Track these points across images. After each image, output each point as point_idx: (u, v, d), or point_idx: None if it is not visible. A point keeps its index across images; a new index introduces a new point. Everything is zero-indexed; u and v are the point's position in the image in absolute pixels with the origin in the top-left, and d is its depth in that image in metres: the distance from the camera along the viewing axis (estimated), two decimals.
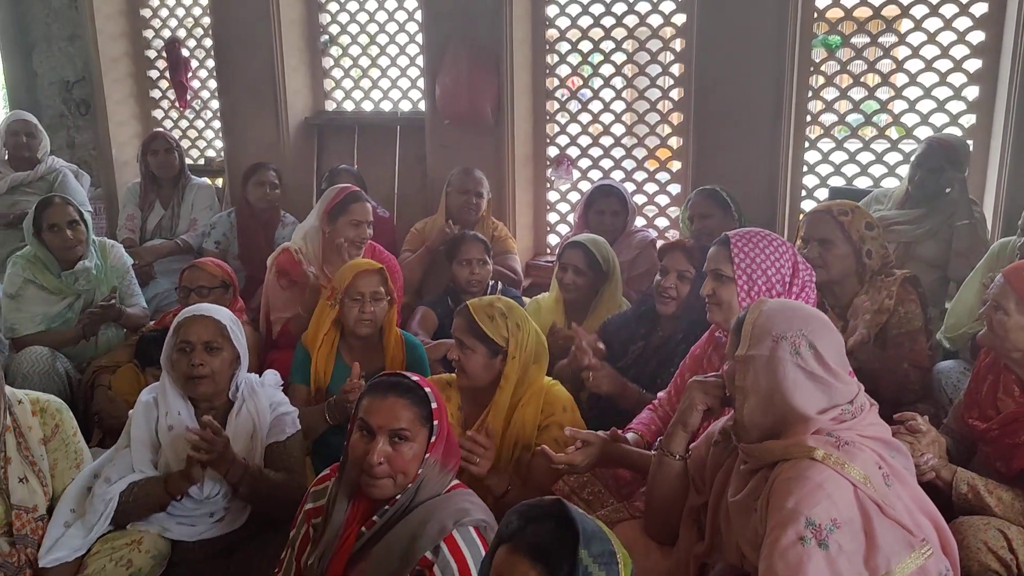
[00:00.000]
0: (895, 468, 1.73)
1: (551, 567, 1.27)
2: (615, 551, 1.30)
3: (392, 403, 1.78)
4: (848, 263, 2.78)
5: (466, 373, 2.44)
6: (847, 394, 1.75)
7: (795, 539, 1.57)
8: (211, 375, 2.34)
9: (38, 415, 2.30)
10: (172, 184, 4.63)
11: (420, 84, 4.94)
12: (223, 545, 2.36)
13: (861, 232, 2.77)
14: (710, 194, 3.68)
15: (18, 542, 2.17)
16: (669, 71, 4.40)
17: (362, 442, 1.79)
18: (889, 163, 4.04)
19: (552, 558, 1.28)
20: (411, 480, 1.79)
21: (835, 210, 2.82)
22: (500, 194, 4.57)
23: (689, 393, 1.95)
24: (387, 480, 1.77)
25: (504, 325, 2.43)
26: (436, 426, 1.81)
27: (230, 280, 3.32)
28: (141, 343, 3.31)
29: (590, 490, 2.26)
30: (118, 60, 5.61)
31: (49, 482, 2.28)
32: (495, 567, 1.34)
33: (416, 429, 1.78)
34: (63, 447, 2.33)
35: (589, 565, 1.26)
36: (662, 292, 2.86)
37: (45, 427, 2.30)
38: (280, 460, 2.40)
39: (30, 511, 2.20)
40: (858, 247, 2.77)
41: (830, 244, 2.77)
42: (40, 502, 2.23)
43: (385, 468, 1.76)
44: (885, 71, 3.99)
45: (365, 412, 1.80)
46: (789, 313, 1.78)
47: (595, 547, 1.28)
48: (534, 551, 1.29)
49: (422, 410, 1.80)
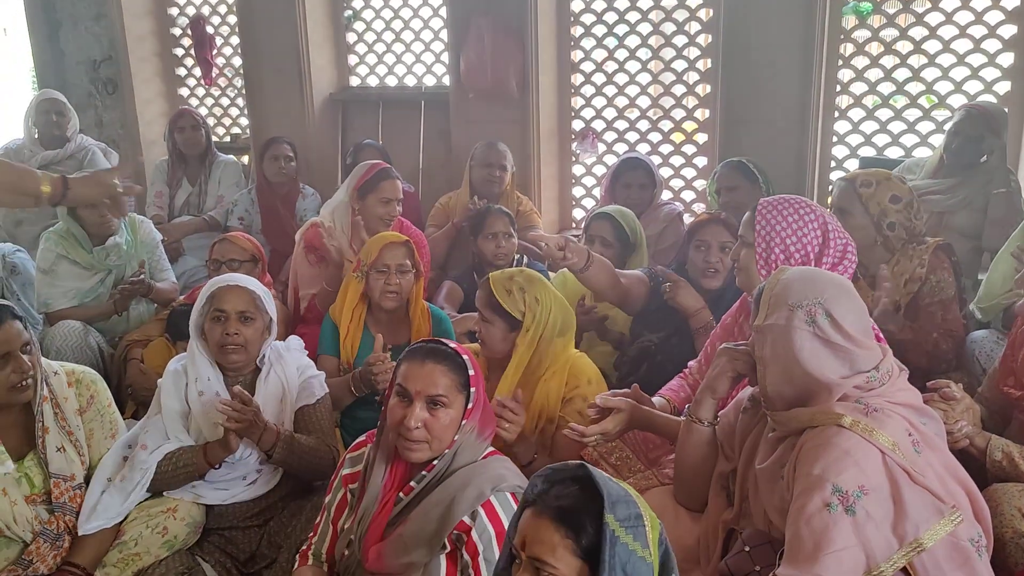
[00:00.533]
0: (926, 434, 1.71)
1: (576, 529, 1.28)
2: (642, 514, 1.30)
3: (430, 369, 1.80)
4: (866, 234, 2.74)
5: (486, 344, 2.46)
6: (871, 360, 1.74)
7: (821, 505, 1.56)
8: (244, 344, 2.36)
9: (74, 386, 2.32)
10: (199, 161, 4.68)
11: (444, 58, 4.92)
12: (256, 509, 2.39)
13: (883, 205, 2.72)
14: (736, 166, 3.64)
15: (56, 510, 2.22)
16: (696, 41, 4.34)
17: (400, 407, 1.80)
18: (921, 132, 3.97)
19: (577, 520, 1.28)
20: (447, 446, 1.80)
21: (858, 181, 2.78)
22: (525, 168, 4.55)
23: (718, 360, 1.94)
24: (423, 445, 1.79)
25: (521, 299, 2.42)
26: (473, 393, 1.82)
27: (259, 254, 3.36)
28: (172, 317, 3.35)
29: (618, 455, 2.26)
30: (144, 38, 5.64)
31: (86, 452, 2.31)
32: (520, 530, 1.34)
33: (453, 395, 1.80)
34: (98, 417, 2.37)
35: (616, 529, 1.25)
36: (707, 267, 2.87)
37: (81, 398, 2.33)
38: (310, 423, 2.42)
39: (68, 479, 2.24)
40: (877, 220, 2.73)
41: (847, 214, 2.74)
42: (78, 471, 2.28)
43: (422, 432, 1.77)
44: (917, 38, 3.90)
45: (403, 378, 1.82)
46: (806, 282, 1.76)
47: (621, 510, 1.28)
48: (559, 513, 1.30)
49: (459, 377, 1.81)
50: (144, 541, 2.21)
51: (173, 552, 2.25)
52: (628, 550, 1.25)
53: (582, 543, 1.28)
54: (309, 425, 2.42)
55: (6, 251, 4.01)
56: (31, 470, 2.22)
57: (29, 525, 2.17)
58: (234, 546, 2.37)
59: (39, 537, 2.18)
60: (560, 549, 1.28)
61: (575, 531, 1.28)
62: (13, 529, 2.15)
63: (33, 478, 2.23)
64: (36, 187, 1.94)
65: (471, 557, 1.69)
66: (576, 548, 1.28)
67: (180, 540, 2.26)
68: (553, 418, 2.43)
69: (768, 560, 1.68)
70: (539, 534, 1.30)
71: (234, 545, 2.37)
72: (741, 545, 1.77)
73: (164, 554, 2.24)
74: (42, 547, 2.18)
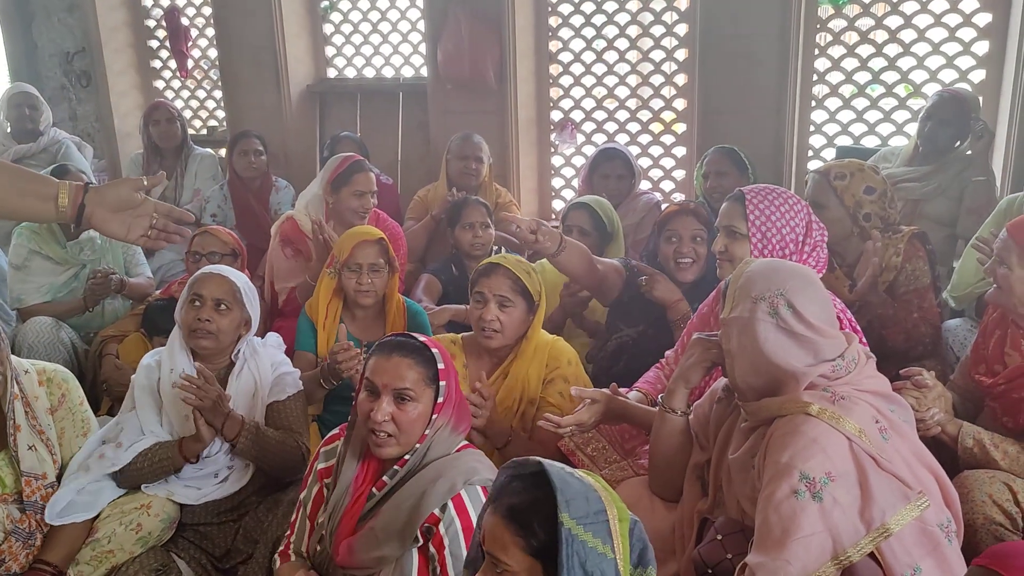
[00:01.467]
0: (893, 421, 1.73)
1: (525, 527, 1.27)
2: (604, 508, 1.29)
3: (396, 363, 1.78)
4: (843, 226, 2.76)
5: (503, 331, 2.43)
6: (835, 348, 1.75)
7: (789, 492, 1.58)
8: (215, 333, 2.35)
9: (44, 385, 2.30)
10: (175, 155, 4.62)
11: (422, 49, 4.89)
12: (229, 506, 2.38)
13: (857, 197, 2.74)
14: (727, 152, 3.64)
15: (28, 508, 2.20)
16: (673, 31, 4.34)
17: (367, 401, 1.79)
18: (897, 121, 3.99)
19: (526, 519, 1.28)
20: (417, 441, 1.79)
21: (832, 173, 2.79)
22: (503, 159, 4.54)
23: (692, 349, 1.95)
24: (392, 440, 1.78)
25: (536, 280, 2.47)
26: (444, 387, 1.81)
27: (239, 249, 3.33)
28: (148, 312, 3.32)
29: (594, 446, 2.27)
30: (118, 30, 5.56)
31: (58, 451, 2.29)
32: (483, 527, 1.35)
33: (421, 389, 1.78)
34: (70, 416, 2.35)
35: (572, 528, 1.24)
36: (679, 259, 2.82)
37: (52, 396, 2.31)
38: (281, 419, 2.41)
39: (39, 478, 2.22)
40: (852, 211, 2.74)
41: (822, 207, 2.75)
42: (49, 470, 2.25)
43: (390, 426, 1.76)
44: (893, 27, 3.92)
45: (370, 371, 1.81)
46: (769, 273, 1.78)
47: (577, 508, 1.26)
48: (509, 512, 1.30)
49: (428, 371, 1.80)
50: (118, 538, 2.19)
51: (147, 549, 2.24)
52: (587, 547, 1.25)
53: (532, 543, 1.27)
54: (279, 421, 2.41)
55: None
56: (2, 469, 2.20)
57: (1, 525, 2.14)
58: (209, 542, 2.36)
59: (11, 536, 2.15)
60: (511, 547, 1.28)
61: (524, 530, 1.28)
62: None
63: (4, 477, 2.20)
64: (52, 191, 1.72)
65: (437, 550, 1.69)
66: (526, 546, 1.27)
67: (154, 536, 2.24)
68: (534, 400, 2.45)
69: (740, 548, 1.70)
70: (494, 531, 1.31)
71: (209, 541, 2.36)
72: (714, 534, 1.78)
73: (138, 551, 2.22)
74: (14, 546, 2.15)
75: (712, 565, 1.73)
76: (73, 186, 1.74)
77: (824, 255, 2.33)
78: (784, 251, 2.25)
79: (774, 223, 2.28)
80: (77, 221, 1.75)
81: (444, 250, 3.88)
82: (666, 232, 2.88)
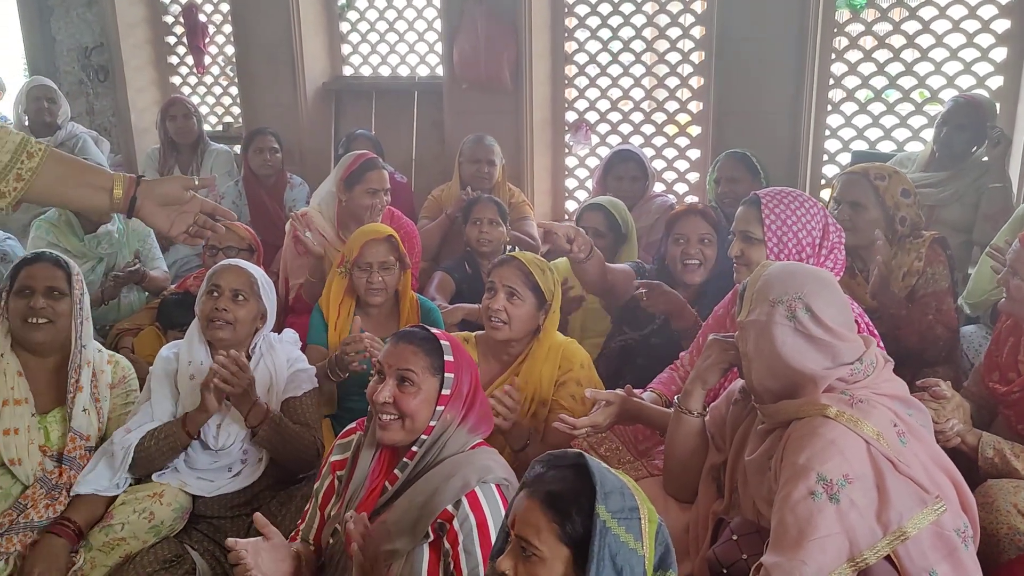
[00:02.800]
0: (911, 425, 1.72)
1: (562, 515, 1.28)
2: (638, 507, 1.30)
3: (402, 348, 1.82)
4: (878, 228, 2.73)
5: (510, 323, 2.42)
6: (853, 352, 1.75)
7: (806, 493, 1.58)
8: (232, 323, 2.39)
9: (112, 364, 2.47)
10: (191, 150, 4.65)
11: (438, 48, 4.91)
12: (242, 500, 2.40)
13: (896, 198, 2.72)
14: (740, 158, 3.63)
15: (65, 462, 2.29)
16: (690, 34, 4.34)
17: (375, 384, 1.83)
18: (914, 127, 3.98)
19: (565, 507, 1.29)
20: (423, 430, 1.80)
21: (872, 173, 2.76)
22: (518, 159, 4.55)
23: (708, 351, 1.94)
24: (396, 424, 1.80)
25: (551, 279, 2.47)
26: (451, 380, 1.81)
27: (256, 244, 3.35)
28: (163, 306, 3.34)
29: (608, 446, 2.27)
30: (135, 26, 5.60)
31: (105, 421, 2.41)
32: (513, 510, 1.36)
33: (423, 375, 1.80)
34: (123, 396, 2.48)
35: (607, 520, 1.26)
36: (686, 260, 2.82)
37: (115, 375, 2.47)
38: (295, 415, 2.43)
39: (83, 439, 2.33)
40: (891, 213, 2.73)
41: (862, 208, 2.73)
42: (94, 434, 2.37)
43: (391, 408, 1.79)
44: (911, 32, 3.91)
45: (381, 356, 1.85)
46: (787, 276, 1.77)
47: (614, 502, 1.28)
48: (548, 497, 1.30)
49: (432, 359, 1.82)
50: (131, 526, 2.22)
51: (160, 539, 2.26)
52: (619, 541, 1.26)
53: (567, 530, 1.28)
54: (294, 416, 2.42)
55: None
56: (51, 425, 2.32)
57: (33, 470, 2.24)
58: (222, 535, 2.36)
59: (38, 483, 2.24)
60: (545, 532, 1.29)
61: (561, 517, 1.28)
62: (18, 468, 2.23)
63: (51, 433, 2.32)
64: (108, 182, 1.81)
65: (451, 546, 1.69)
66: (561, 533, 1.28)
67: (167, 526, 2.27)
68: (546, 401, 2.45)
69: (756, 549, 1.70)
70: (528, 515, 1.31)
71: (222, 534, 2.36)
72: (729, 534, 1.78)
73: (151, 540, 2.24)
74: (38, 492, 2.24)
75: (727, 565, 1.73)
76: (127, 178, 1.83)
77: (842, 257, 2.32)
78: (801, 254, 2.24)
79: (790, 226, 2.27)
80: (128, 212, 1.83)
81: (458, 249, 3.89)
82: (674, 234, 2.88)
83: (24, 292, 2.28)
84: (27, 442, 2.25)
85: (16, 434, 2.24)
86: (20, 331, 2.28)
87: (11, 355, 2.31)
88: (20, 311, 2.27)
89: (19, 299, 2.28)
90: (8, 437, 2.23)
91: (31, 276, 2.30)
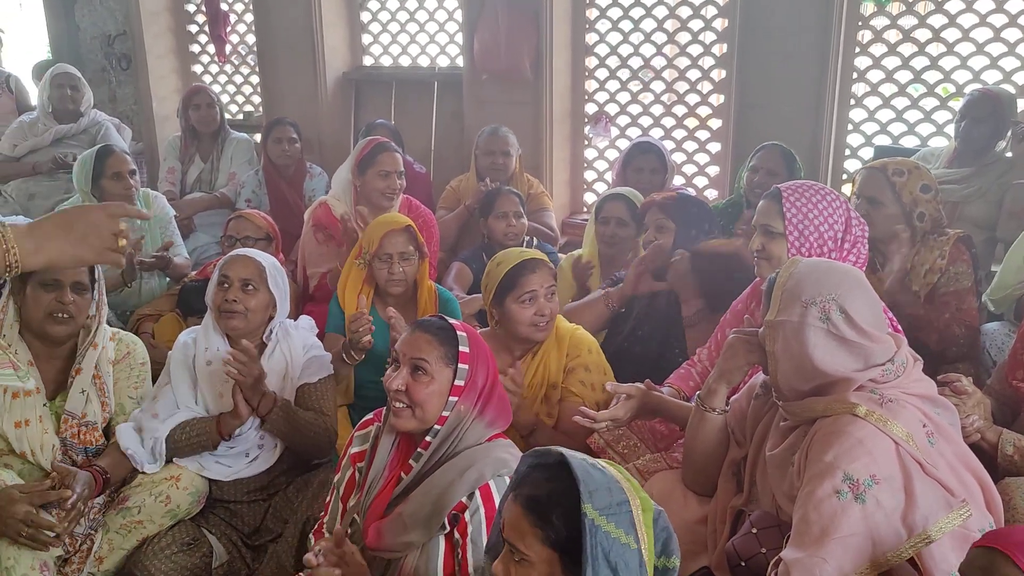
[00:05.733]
0: (940, 425, 1.71)
1: (543, 519, 1.28)
2: (627, 500, 1.29)
3: (417, 336, 1.82)
4: (895, 223, 2.71)
5: (552, 319, 2.49)
6: (885, 353, 1.73)
7: (831, 491, 1.56)
8: (243, 312, 2.40)
9: (114, 340, 2.45)
10: (212, 138, 4.68)
11: (458, 39, 4.90)
12: (259, 485, 2.42)
13: (915, 195, 2.69)
14: (783, 153, 3.57)
15: (66, 443, 2.30)
16: (712, 26, 4.30)
17: (391, 371, 1.84)
18: (938, 122, 3.93)
19: (544, 511, 1.28)
20: (434, 419, 1.79)
21: (890, 169, 2.73)
22: (537, 151, 4.54)
23: (732, 349, 1.90)
24: (406, 411, 1.80)
25: None
26: (465, 371, 1.81)
27: (274, 233, 3.36)
28: (183, 293, 3.37)
29: (625, 443, 2.27)
30: (158, 14, 5.64)
31: (111, 396, 2.39)
32: (503, 514, 1.37)
33: (437, 365, 1.80)
34: (127, 370, 2.46)
35: (596, 519, 1.24)
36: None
37: (118, 351, 2.45)
38: (311, 401, 2.44)
39: (76, 417, 2.31)
40: (908, 209, 2.70)
41: (879, 204, 2.70)
42: (93, 413, 2.34)
43: (404, 396, 1.79)
44: (937, 26, 3.86)
45: (399, 344, 1.85)
46: (820, 276, 1.73)
47: (600, 499, 1.26)
48: (528, 502, 1.30)
49: (447, 349, 1.81)
50: (147, 509, 2.25)
51: (177, 522, 2.29)
52: (611, 538, 1.25)
53: (549, 534, 1.28)
54: (309, 402, 2.44)
55: None
56: (61, 409, 2.31)
57: (51, 454, 2.25)
58: (239, 519, 2.40)
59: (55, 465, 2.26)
60: (529, 537, 1.29)
61: (542, 521, 1.28)
62: (37, 456, 2.23)
63: (58, 413, 2.32)
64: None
65: (460, 536, 1.70)
66: (544, 537, 1.28)
67: (183, 510, 2.29)
68: (556, 384, 2.47)
69: (775, 543, 1.69)
70: (513, 520, 1.32)
71: (239, 518, 2.40)
72: (749, 527, 1.77)
73: (168, 523, 2.27)
74: None
75: (746, 558, 1.72)
76: None
77: (865, 251, 2.29)
78: (823, 248, 2.22)
79: (811, 220, 2.24)
80: None
81: (475, 240, 3.89)
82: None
83: (50, 286, 2.23)
84: (40, 432, 2.24)
85: (27, 425, 2.22)
86: (42, 323, 2.24)
87: (20, 343, 2.27)
88: (46, 304, 2.23)
89: (45, 292, 2.23)
90: (20, 429, 2.21)
91: (60, 271, 2.25)
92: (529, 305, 2.42)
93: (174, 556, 2.24)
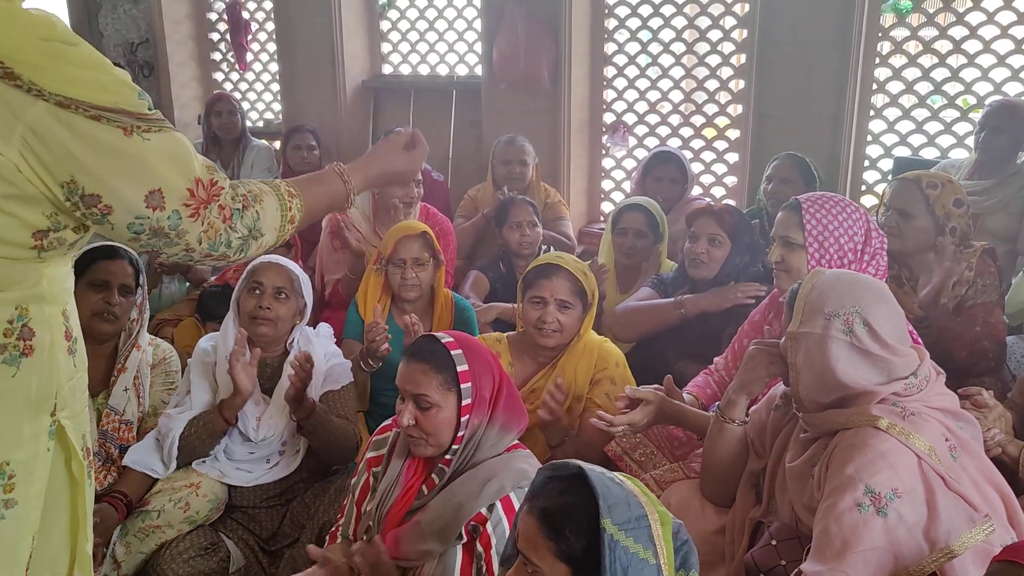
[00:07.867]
0: (963, 439, 1.69)
1: (557, 532, 1.26)
2: (646, 514, 1.27)
3: (413, 369, 1.78)
4: (925, 238, 2.69)
5: (564, 331, 2.45)
6: (908, 366, 1.71)
7: (852, 505, 1.55)
8: (274, 320, 2.41)
9: (152, 346, 2.57)
10: (233, 145, 4.73)
11: (477, 48, 4.92)
12: (278, 491, 2.43)
13: (947, 208, 2.67)
14: (797, 161, 3.58)
15: (104, 436, 2.38)
16: (731, 36, 4.30)
17: (399, 404, 1.81)
18: (958, 134, 3.91)
19: (558, 524, 1.27)
20: (448, 442, 1.79)
21: (924, 182, 2.71)
22: (555, 159, 4.55)
23: (752, 361, 1.89)
24: (422, 441, 1.79)
25: (592, 280, 2.50)
26: (469, 389, 1.78)
27: (293, 240, 3.38)
28: (203, 298, 3.39)
29: (642, 451, 2.25)
30: (180, 22, 5.69)
31: (146, 396, 2.50)
32: (518, 525, 1.35)
33: (440, 395, 1.77)
34: (163, 375, 2.57)
35: (615, 534, 1.23)
36: (694, 257, 2.87)
37: (155, 356, 2.57)
38: (335, 408, 2.45)
39: (118, 413, 2.42)
40: (941, 223, 2.67)
41: (910, 217, 2.68)
42: (133, 411, 2.45)
43: (416, 430, 1.77)
44: (957, 38, 3.84)
45: (397, 377, 1.82)
46: (843, 288, 1.72)
47: (619, 514, 1.25)
48: (542, 515, 1.29)
49: (445, 376, 1.77)
50: (166, 514, 2.26)
51: (195, 527, 2.30)
52: (629, 553, 1.23)
53: (563, 548, 1.26)
54: (333, 409, 2.44)
55: None
56: (103, 405, 2.41)
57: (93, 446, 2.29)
58: (257, 524, 2.41)
59: (95, 457, 2.33)
60: (542, 549, 1.27)
61: (556, 535, 1.26)
62: None
63: (100, 408, 2.41)
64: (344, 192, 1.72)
65: (484, 549, 1.69)
66: (557, 551, 1.26)
67: (202, 516, 2.30)
68: (581, 396, 2.46)
69: (795, 555, 1.67)
70: (527, 531, 1.30)
71: (257, 523, 2.41)
72: (768, 539, 1.75)
73: (186, 529, 2.28)
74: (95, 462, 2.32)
75: (765, 570, 1.71)
76: None
77: (884, 263, 2.28)
78: (843, 260, 2.21)
79: (831, 232, 2.24)
80: None
81: (492, 248, 3.90)
82: (691, 230, 2.94)
83: (100, 286, 2.35)
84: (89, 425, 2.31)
85: None
86: (88, 321, 2.28)
87: None
88: (95, 304, 2.33)
89: (94, 292, 2.34)
90: None
91: (110, 272, 2.36)
92: (537, 308, 2.43)
93: (192, 560, 2.24)
